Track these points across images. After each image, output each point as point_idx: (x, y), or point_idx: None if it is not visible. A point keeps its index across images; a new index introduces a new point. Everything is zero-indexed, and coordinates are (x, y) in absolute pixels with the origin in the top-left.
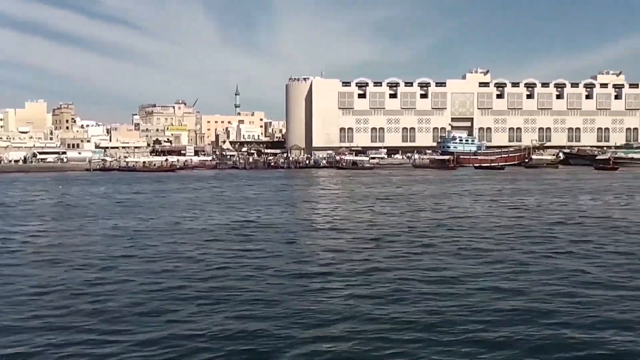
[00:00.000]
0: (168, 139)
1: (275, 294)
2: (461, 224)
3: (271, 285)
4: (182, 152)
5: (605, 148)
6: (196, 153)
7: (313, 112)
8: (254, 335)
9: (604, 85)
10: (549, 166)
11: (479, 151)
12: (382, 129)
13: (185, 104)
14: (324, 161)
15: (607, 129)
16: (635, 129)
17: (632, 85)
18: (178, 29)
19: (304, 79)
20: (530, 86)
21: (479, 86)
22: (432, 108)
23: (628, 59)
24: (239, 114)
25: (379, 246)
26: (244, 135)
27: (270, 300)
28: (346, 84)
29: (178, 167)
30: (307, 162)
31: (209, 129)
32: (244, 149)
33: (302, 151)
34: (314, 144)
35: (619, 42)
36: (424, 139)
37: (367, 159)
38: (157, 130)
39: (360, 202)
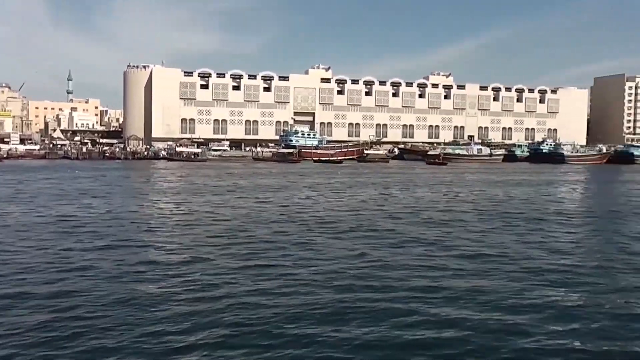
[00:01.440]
0: None
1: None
2: (303, 216)
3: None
4: (6, 139)
5: (435, 144)
6: (22, 141)
7: (153, 102)
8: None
9: (435, 86)
10: (381, 161)
11: (320, 145)
12: (225, 121)
13: (9, 87)
14: (164, 152)
15: (437, 126)
16: (462, 127)
17: (459, 87)
18: (1, 6)
19: (144, 66)
20: (368, 84)
21: (321, 82)
22: (276, 102)
23: (456, 62)
24: (71, 100)
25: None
26: (77, 124)
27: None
28: (188, 74)
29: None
30: (146, 153)
31: (37, 116)
32: (76, 138)
33: (141, 142)
34: (154, 135)
35: (449, 45)
36: (267, 133)
37: (209, 151)
38: None
39: (199, 196)
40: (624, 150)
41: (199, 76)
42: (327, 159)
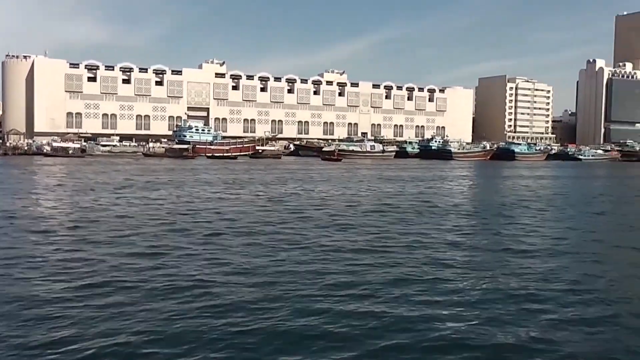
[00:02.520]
0: None
1: None
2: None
3: None
4: None
5: (330, 141)
6: None
7: (35, 94)
8: None
9: (329, 83)
10: (274, 157)
11: (215, 141)
12: (114, 115)
13: None
14: (47, 148)
15: (332, 123)
16: (356, 123)
17: (353, 84)
18: None
19: (25, 57)
20: (264, 80)
21: (215, 77)
22: (168, 96)
23: (350, 60)
24: None
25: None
26: None
27: None
28: (74, 65)
29: None
30: (28, 148)
31: None
32: None
33: (22, 136)
34: (37, 129)
35: (342, 44)
36: (160, 128)
37: (97, 146)
38: None
39: (88, 193)
40: (506, 147)
41: (85, 68)
42: (222, 155)
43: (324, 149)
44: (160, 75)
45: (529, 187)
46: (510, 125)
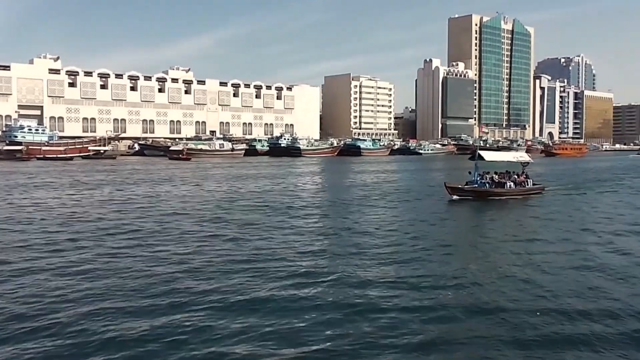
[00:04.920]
0: None
1: None
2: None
3: None
4: None
5: (177, 140)
6: None
7: None
8: None
9: (175, 80)
10: (107, 158)
11: (50, 141)
12: None
13: None
14: None
15: (178, 121)
16: (204, 122)
17: (200, 82)
18: None
19: None
20: (103, 76)
21: (49, 73)
22: None
23: (197, 57)
24: None
25: None
26: None
27: None
28: None
29: None
30: None
31: None
32: None
33: None
34: None
35: (187, 40)
36: None
37: None
38: None
39: None
40: (352, 143)
41: None
42: (56, 156)
43: (171, 148)
44: None
45: (375, 180)
46: (356, 122)
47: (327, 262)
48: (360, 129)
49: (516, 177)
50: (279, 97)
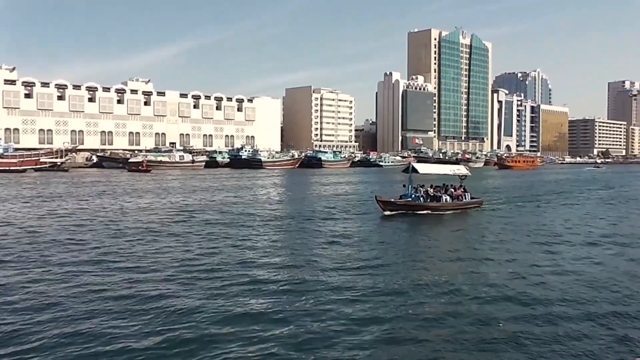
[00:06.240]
0: None
1: None
2: None
3: None
4: None
5: (136, 151)
6: None
7: None
8: None
9: (134, 92)
10: (60, 170)
11: (5, 154)
12: None
13: None
14: None
15: (138, 133)
16: (164, 133)
17: (159, 94)
18: None
19: None
20: (61, 87)
21: (5, 84)
22: None
23: (156, 68)
24: None
25: None
26: None
27: None
28: None
29: None
30: None
31: None
32: None
33: None
34: None
35: (146, 52)
36: None
37: None
38: None
39: None
40: (313, 156)
41: None
42: (9, 168)
43: (130, 160)
44: None
45: (330, 193)
46: (317, 134)
47: (274, 275)
48: (321, 141)
49: (453, 190)
50: (239, 109)
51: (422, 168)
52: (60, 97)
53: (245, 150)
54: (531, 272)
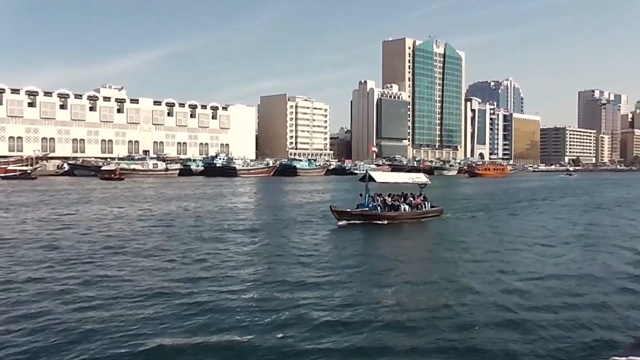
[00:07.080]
0: None
1: None
2: None
3: None
4: None
5: (109, 159)
6: None
7: None
8: None
9: (107, 99)
10: (27, 178)
11: None
12: None
13: None
14: None
15: (110, 140)
16: (137, 141)
17: (133, 101)
18: None
19: None
20: (32, 94)
21: None
22: None
23: (130, 75)
24: None
25: None
26: None
27: None
28: None
29: None
30: None
31: None
32: None
33: None
34: None
35: (119, 59)
36: None
37: None
38: None
39: None
40: (288, 164)
41: None
42: None
43: (103, 168)
44: None
45: (301, 202)
46: (292, 142)
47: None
48: (296, 149)
49: (412, 199)
50: (214, 117)
51: (379, 177)
52: (31, 104)
53: (220, 159)
54: (492, 279)
